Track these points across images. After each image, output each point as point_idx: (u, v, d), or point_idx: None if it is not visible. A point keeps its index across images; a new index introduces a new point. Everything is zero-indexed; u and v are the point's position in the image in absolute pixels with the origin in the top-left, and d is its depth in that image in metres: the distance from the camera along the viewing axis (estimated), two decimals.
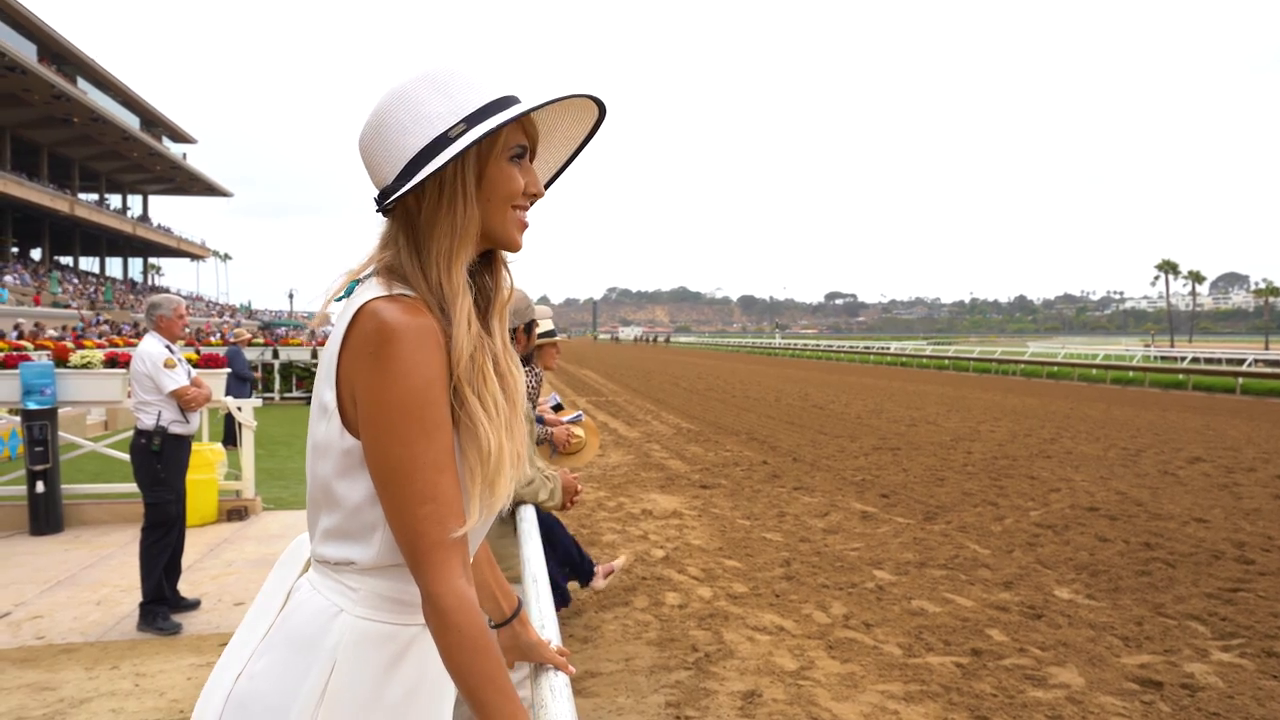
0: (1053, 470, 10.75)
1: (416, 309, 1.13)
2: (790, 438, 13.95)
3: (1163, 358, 43.18)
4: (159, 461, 5.23)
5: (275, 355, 20.12)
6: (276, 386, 19.55)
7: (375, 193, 1.23)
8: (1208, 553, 6.71)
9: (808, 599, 5.62)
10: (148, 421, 5.23)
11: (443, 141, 1.17)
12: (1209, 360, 38.55)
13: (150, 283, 79.09)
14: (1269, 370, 30.51)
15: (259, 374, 18.70)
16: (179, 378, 5.26)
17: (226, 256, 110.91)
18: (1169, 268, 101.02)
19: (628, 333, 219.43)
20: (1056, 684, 4.24)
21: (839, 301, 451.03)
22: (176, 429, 5.30)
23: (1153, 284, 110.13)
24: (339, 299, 1.22)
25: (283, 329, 52.18)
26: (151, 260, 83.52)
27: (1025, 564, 6.42)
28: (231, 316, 65.44)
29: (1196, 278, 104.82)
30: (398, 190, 1.17)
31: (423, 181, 1.16)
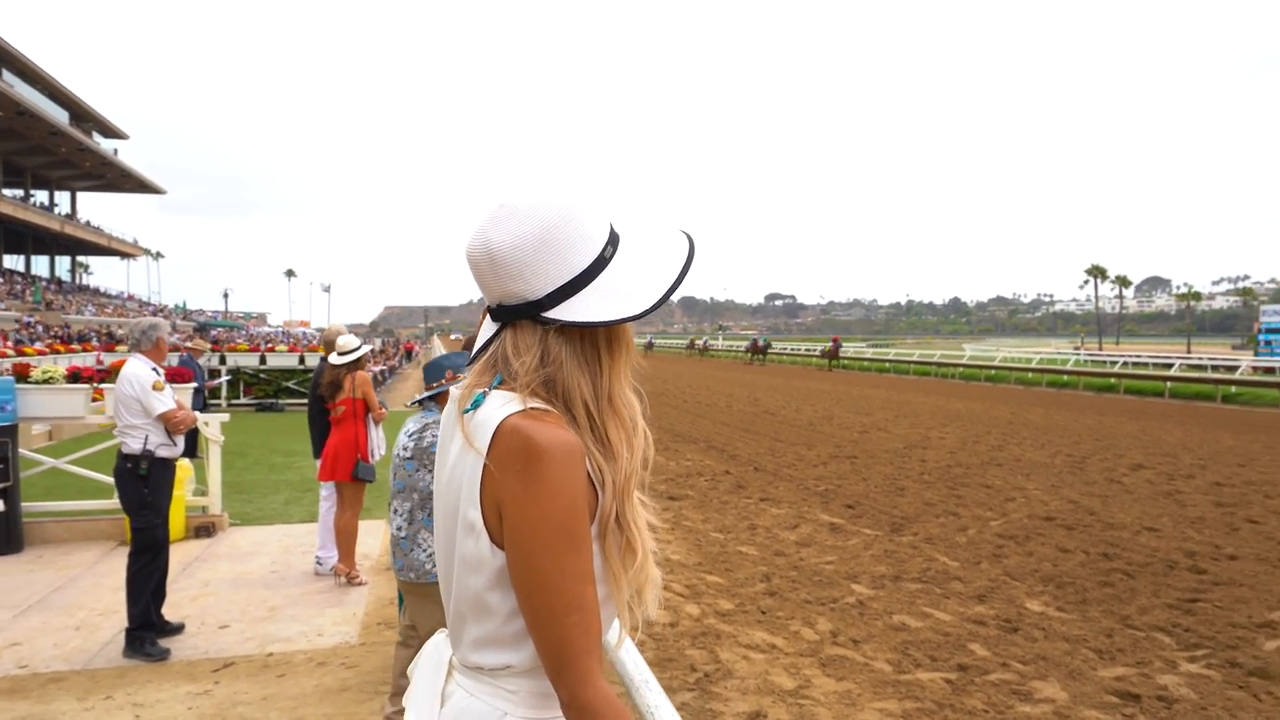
0: (1005, 479, 11.10)
1: (560, 424, 1.18)
2: (748, 446, 14.14)
3: (1093, 360, 44.60)
4: (146, 485, 5.17)
5: (222, 361, 19.76)
6: (223, 394, 19.19)
7: (514, 298, 1.25)
8: (1162, 562, 7.02)
9: (793, 615, 5.77)
10: (134, 445, 5.16)
11: (601, 262, 1.26)
12: (1137, 364, 39.91)
13: (79, 282, 76.74)
14: (1194, 375, 31.75)
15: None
16: (167, 400, 5.21)
17: (159, 255, 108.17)
18: (1098, 272, 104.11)
19: None
20: (1042, 698, 4.44)
21: (779, 303, 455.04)
22: (164, 452, 5.25)
23: (1081, 287, 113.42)
24: (466, 410, 1.24)
25: (219, 329, 51.16)
26: (80, 258, 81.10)
27: (994, 576, 6.66)
28: (166, 317, 63.81)
29: (1123, 282, 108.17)
30: (596, 314, 1.23)
31: (591, 296, 1.24)
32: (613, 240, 1.30)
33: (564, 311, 1.23)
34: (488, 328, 1.34)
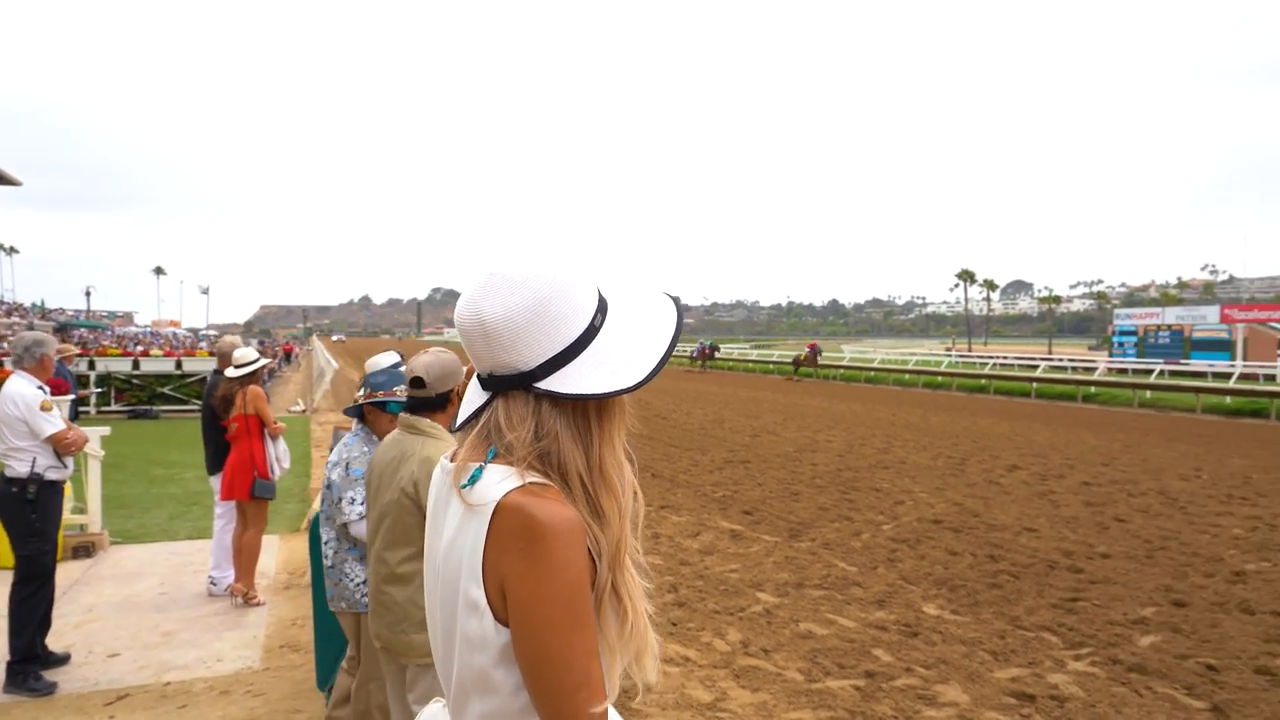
0: (893, 481, 11.52)
1: (559, 500, 1.19)
2: (642, 451, 14.25)
3: (964, 361, 46.72)
4: (34, 511, 4.89)
5: (91, 366, 18.72)
6: (93, 401, 18.19)
7: (506, 368, 1.26)
8: (1043, 563, 7.43)
9: (704, 626, 5.86)
10: (20, 469, 4.88)
11: (591, 331, 1.29)
12: (1004, 365, 42.04)
13: None
14: (1056, 376, 33.68)
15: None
16: (56, 421, 4.94)
17: (12, 250, 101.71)
18: (967, 276, 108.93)
19: (455, 332, 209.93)
20: (946, 702, 4.65)
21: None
22: (53, 475, 4.98)
23: (952, 290, 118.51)
24: (464, 486, 1.23)
25: (82, 330, 48.38)
26: None
27: (891, 581, 6.92)
28: (22, 316, 59.98)
29: (991, 286, 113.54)
30: (600, 385, 1.24)
31: (582, 367, 1.26)
32: (601, 308, 1.32)
33: (556, 382, 1.24)
34: (476, 395, 1.34)
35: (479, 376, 1.33)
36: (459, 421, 1.37)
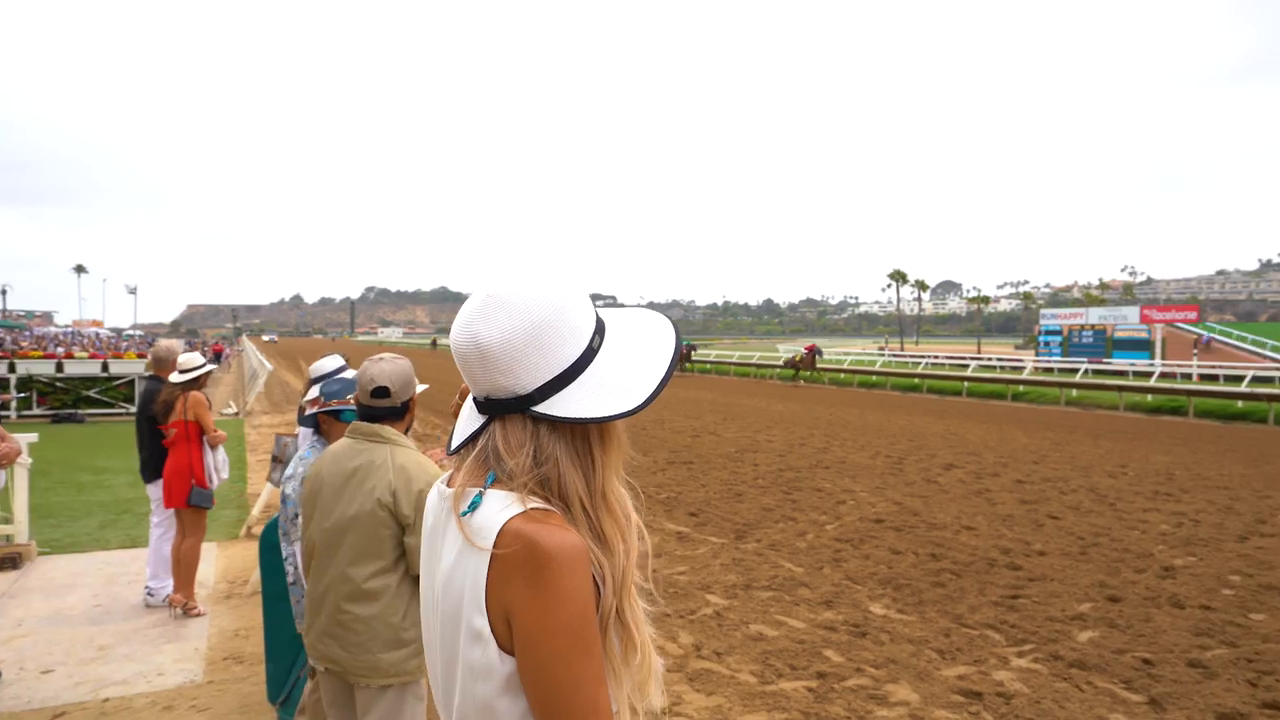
0: (834, 481, 11.68)
1: (563, 526, 1.17)
2: None
3: (898, 360, 47.61)
4: None
5: (12, 369, 18.02)
6: (14, 405, 17.53)
7: (502, 392, 1.23)
8: (983, 561, 7.60)
9: (656, 630, 5.86)
10: None
11: (589, 353, 1.27)
12: (936, 364, 42.94)
13: None
14: (987, 375, 34.51)
15: None
16: None
17: None
18: (899, 277, 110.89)
19: (390, 333, 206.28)
20: (897, 701, 4.73)
21: (600, 303, 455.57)
22: None
23: (884, 290, 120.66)
24: (464, 513, 1.21)
25: None
26: None
27: (837, 581, 7.01)
28: None
29: (922, 286, 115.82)
30: (601, 409, 1.22)
31: (581, 390, 1.24)
32: (599, 329, 1.30)
33: (554, 406, 1.22)
34: (471, 419, 1.31)
35: (475, 399, 1.30)
36: (454, 445, 1.35)
